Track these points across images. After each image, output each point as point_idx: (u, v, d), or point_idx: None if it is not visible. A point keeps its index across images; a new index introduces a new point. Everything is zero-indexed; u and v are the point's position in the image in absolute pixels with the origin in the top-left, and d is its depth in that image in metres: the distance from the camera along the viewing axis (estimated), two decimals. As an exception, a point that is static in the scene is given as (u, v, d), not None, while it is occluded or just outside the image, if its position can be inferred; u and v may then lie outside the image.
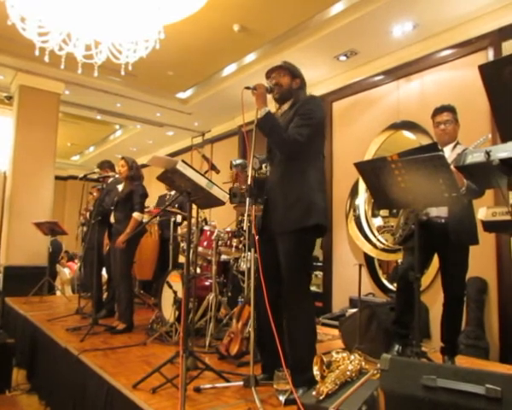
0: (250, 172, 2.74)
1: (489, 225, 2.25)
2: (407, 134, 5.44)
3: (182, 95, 7.71)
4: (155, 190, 5.96)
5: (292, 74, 2.74)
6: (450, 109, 3.14)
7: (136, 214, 4.14)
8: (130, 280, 4.37)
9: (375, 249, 5.69)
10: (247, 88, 2.60)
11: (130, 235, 4.05)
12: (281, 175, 2.65)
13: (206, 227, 4.32)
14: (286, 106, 2.75)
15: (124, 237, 4.04)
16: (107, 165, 5.24)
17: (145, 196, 4.31)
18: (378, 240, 5.72)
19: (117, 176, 4.91)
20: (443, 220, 2.98)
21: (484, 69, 1.65)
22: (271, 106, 2.63)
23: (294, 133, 2.53)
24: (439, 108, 3.19)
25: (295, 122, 2.56)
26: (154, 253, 5.89)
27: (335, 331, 4.13)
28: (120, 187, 4.45)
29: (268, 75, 2.79)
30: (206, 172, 4.05)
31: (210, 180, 2.74)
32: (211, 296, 3.86)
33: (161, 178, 2.83)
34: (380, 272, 5.72)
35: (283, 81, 2.72)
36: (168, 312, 3.90)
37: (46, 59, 4.06)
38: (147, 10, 4.04)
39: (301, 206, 2.52)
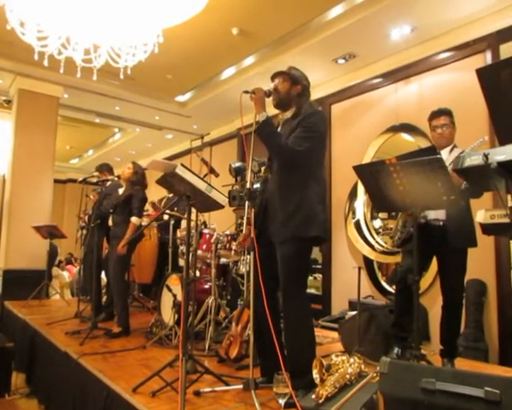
0: (249, 175, 2.75)
1: (488, 228, 2.26)
2: (406, 137, 5.45)
3: (181, 98, 7.71)
4: (155, 193, 5.96)
5: (292, 81, 2.71)
6: (446, 113, 3.15)
7: (134, 219, 4.13)
8: (125, 284, 4.36)
9: (374, 252, 5.69)
10: (246, 92, 2.60)
11: (130, 239, 4.04)
12: (280, 184, 2.64)
13: (205, 230, 4.33)
14: (288, 114, 2.74)
15: (123, 242, 4.04)
16: (105, 168, 5.24)
17: (144, 200, 4.31)
18: (377, 242, 5.72)
19: (115, 179, 4.91)
20: (441, 223, 2.99)
21: (481, 73, 1.66)
22: (270, 110, 2.64)
23: (294, 143, 2.53)
24: (435, 112, 3.19)
25: (297, 133, 2.56)
26: (153, 256, 5.89)
27: (335, 334, 4.13)
28: (121, 191, 4.44)
29: (272, 79, 2.78)
30: (205, 175, 4.06)
31: (209, 184, 2.75)
32: (210, 299, 3.86)
33: (160, 181, 2.83)
34: (379, 275, 5.72)
35: (281, 87, 2.71)
36: (167, 315, 3.90)
37: (45, 63, 4.06)
38: (145, 14, 4.05)
39: (301, 215, 2.52)
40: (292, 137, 2.56)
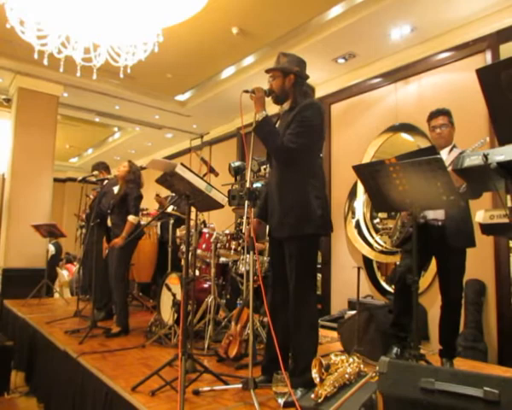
0: (249, 174, 2.75)
1: (487, 228, 2.26)
2: (405, 136, 5.45)
3: (180, 97, 7.71)
4: (152, 192, 5.96)
5: (283, 73, 2.69)
6: (445, 113, 3.15)
7: (131, 218, 4.12)
8: (126, 284, 4.35)
9: (373, 252, 5.69)
10: (246, 91, 2.61)
11: (128, 238, 4.03)
12: (278, 180, 2.65)
13: (204, 229, 4.33)
14: (286, 105, 2.74)
15: (120, 240, 4.04)
16: (102, 167, 5.25)
17: (139, 198, 4.30)
18: (376, 242, 5.72)
19: (110, 177, 4.90)
20: (440, 223, 2.99)
21: (481, 73, 1.66)
22: (272, 109, 2.64)
23: (288, 141, 2.52)
24: (434, 112, 3.19)
25: (292, 129, 2.55)
26: (152, 255, 5.89)
27: (334, 334, 4.14)
28: (116, 189, 4.43)
29: (267, 73, 2.79)
30: (204, 174, 4.07)
31: (209, 183, 2.75)
32: (210, 299, 3.86)
33: (160, 180, 2.83)
34: (378, 275, 5.72)
35: (275, 85, 2.71)
36: (167, 314, 3.90)
37: (45, 62, 4.06)
38: (145, 13, 4.04)
39: (296, 214, 2.53)
40: (287, 133, 2.56)
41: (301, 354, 2.49)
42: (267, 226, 2.79)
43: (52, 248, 8.56)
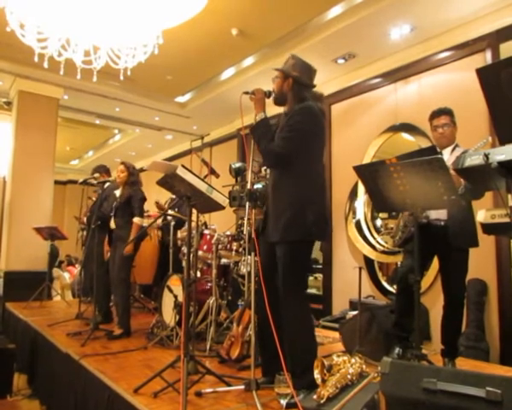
0: (249, 175, 2.75)
1: (488, 228, 2.26)
2: (406, 136, 5.45)
3: (180, 99, 7.72)
4: (153, 193, 5.96)
5: (284, 75, 2.69)
6: (447, 112, 3.14)
7: (136, 219, 4.14)
8: (128, 285, 4.36)
9: (374, 252, 5.69)
10: (246, 93, 2.61)
11: (136, 240, 4.06)
12: (274, 183, 2.65)
13: (206, 231, 4.33)
14: (285, 108, 2.74)
15: (130, 247, 4.06)
16: (103, 169, 5.25)
17: (144, 200, 4.31)
18: (378, 242, 5.72)
19: (111, 179, 4.91)
20: (442, 223, 2.98)
21: (481, 72, 1.66)
22: (273, 110, 2.64)
23: (277, 145, 2.52)
24: (436, 112, 3.18)
25: (283, 133, 2.55)
26: (153, 257, 5.89)
27: (336, 334, 4.13)
28: (117, 192, 4.43)
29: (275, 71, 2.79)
30: (205, 176, 4.07)
31: (210, 185, 2.75)
32: (211, 300, 3.86)
33: (161, 182, 2.83)
34: (380, 275, 5.72)
35: (275, 86, 2.72)
36: (168, 316, 3.90)
37: (45, 65, 4.07)
38: (145, 15, 4.05)
39: (285, 219, 2.50)
40: (279, 137, 2.55)
41: (297, 354, 2.46)
42: None
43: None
